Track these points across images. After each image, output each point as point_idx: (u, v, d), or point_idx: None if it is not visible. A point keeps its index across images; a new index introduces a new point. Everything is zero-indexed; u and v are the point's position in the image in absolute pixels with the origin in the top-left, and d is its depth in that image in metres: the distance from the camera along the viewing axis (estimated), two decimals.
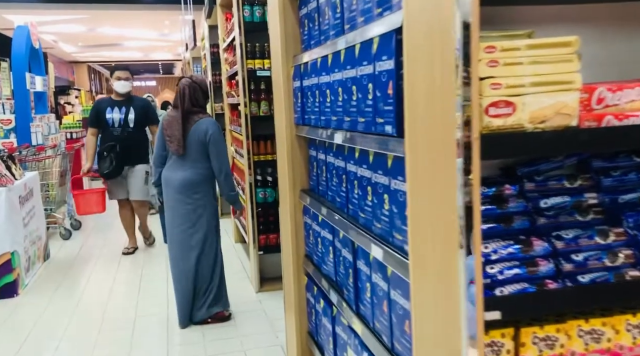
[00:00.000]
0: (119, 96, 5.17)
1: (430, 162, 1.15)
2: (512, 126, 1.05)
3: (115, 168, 5.06)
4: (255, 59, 4.03)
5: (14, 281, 4.26)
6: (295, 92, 2.46)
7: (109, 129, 5.13)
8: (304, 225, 2.58)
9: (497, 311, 1.05)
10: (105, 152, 5.06)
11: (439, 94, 1.08)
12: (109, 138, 5.12)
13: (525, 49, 1.04)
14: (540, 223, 1.18)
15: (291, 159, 2.55)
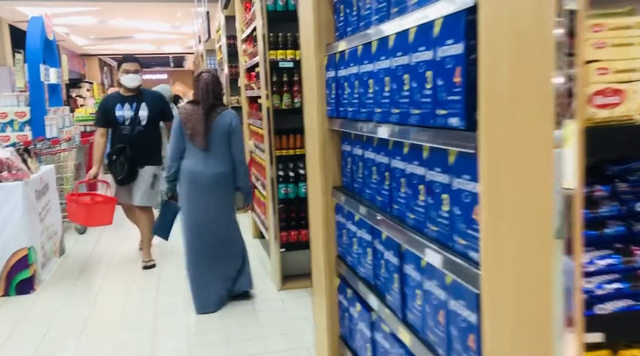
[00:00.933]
0: (128, 91, 4.61)
1: (514, 160, 1.01)
2: (620, 118, 0.90)
3: (128, 171, 4.50)
4: (278, 50, 3.89)
5: (30, 277, 4.17)
6: (329, 83, 2.32)
7: (119, 128, 4.58)
8: (336, 224, 2.44)
9: (599, 332, 0.91)
10: (114, 155, 4.51)
11: (528, 81, 0.94)
12: (119, 138, 4.58)
13: (637, 27, 0.89)
14: (638, 230, 1.04)
15: (323, 154, 2.41)
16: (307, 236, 4.06)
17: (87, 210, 4.65)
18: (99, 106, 4.75)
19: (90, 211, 4.64)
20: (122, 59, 4.70)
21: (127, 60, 4.65)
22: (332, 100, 2.28)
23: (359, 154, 2.12)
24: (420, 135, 1.45)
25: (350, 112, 2.06)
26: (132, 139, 4.53)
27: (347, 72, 2.07)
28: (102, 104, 4.72)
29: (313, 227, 2.65)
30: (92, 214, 4.64)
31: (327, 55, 2.32)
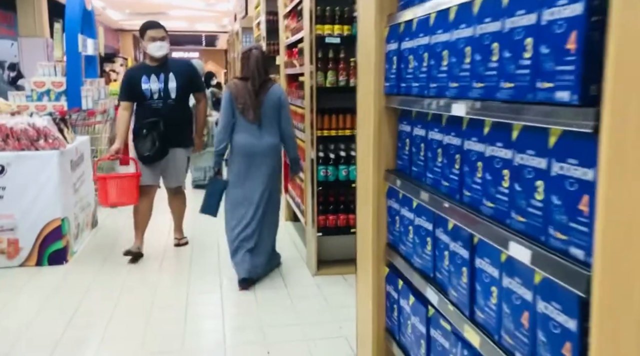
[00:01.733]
0: (154, 61, 4.14)
1: None
2: None
3: (158, 149, 4.06)
4: (325, 25, 3.71)
5: (63, 249, 4.12)
6: (389, 57, 2.14)
7: (146, 102, 4.11)
8: (387, 209, 2.28)
9: None
10: (145, 129, 4.05)
11: None
12: (148, 113, 4.10)
13: None
14: None
15: (377, 134, 2.24)
16: (345, 221, 3.92)
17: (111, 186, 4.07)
18: (123, 79, 4.29)
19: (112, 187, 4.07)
20: (145, 25, 4.18)
21: (152, 26, 4.14)
22: (392, 75, 2.11)
23: (421, 135, 1.95)
24: (513, 113, 1.27)
25: (416, 87, 1.89)
26: (163, 114, 4.09)
27: (413, 44, 1.89)
28: (126, 76, 4.25)
29: (361, 212, 2.49)
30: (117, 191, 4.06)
31: (389, 26, 2.14)
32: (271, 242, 3.89)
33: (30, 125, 3.99)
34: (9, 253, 4.00)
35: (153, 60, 4.16)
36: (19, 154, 3.96)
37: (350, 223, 3.91)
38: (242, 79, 3.70)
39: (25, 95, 5.99)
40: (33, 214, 3.99)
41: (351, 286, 3.65)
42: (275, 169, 3.76)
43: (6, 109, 4.48)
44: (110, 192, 4.02)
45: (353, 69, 3.75)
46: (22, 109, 5.44)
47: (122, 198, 4.10)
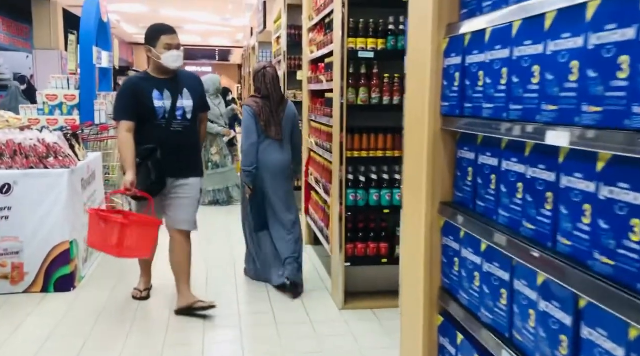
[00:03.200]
0: (165, 73, 3.38)
1: None
2: None
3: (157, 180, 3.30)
4: (358, 38, 3.44)
5: (71, 274, 3.85)
6: (448, 73, 1.85)
7: (156, 122, 3.30)
8: (442, 248, 1.97)
9: None
10: (139, 157, 3.27)
11: None
12: (151, 136, 3.29)
13: None
14: None
15: (431, 161, 1.95)
16: (375, 250, 3.61)
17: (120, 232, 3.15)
18: (124, 92, 3.39)
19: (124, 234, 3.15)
20: (158, 29, 3.40)
21: (167, 31, 3.39)
22: (453, 94, 1.82)
23: (491, 164, 1.65)
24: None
25: (488, 109, 1.59)
26: (176, 137, 3.35)
27: (486, 58, 1.61)
28: (129, 89, 3.37)
29: (408, 248, 2.19)
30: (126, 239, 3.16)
31: (449, 38, 1.86)
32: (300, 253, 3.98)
33: (39, 141, 3.74)
34: (13, 279, 3.73)
35: (163, 72, 3.39)
36: (27, 172, 3.71)
37: (381, 252, 3.60)
38: (262, 97, 3.81)
39: (37, 108, 5.78)
40: (40, 237, 3.72)
41: (383, 324, 3.34)
42: (291, 182, 4.03)
43: (16, 123, 4.25)
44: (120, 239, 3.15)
45: (387, 86, 3.48)
46: (33, 123, 5.21)
47: (133, 251, 3.29)
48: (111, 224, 3.15)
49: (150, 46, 3.37)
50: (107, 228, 3.14)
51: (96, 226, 3.20)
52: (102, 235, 3.17)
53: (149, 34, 3.41)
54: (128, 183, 3.22)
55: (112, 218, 3.20)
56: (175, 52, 3.34)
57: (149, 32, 3.43)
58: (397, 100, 3.49)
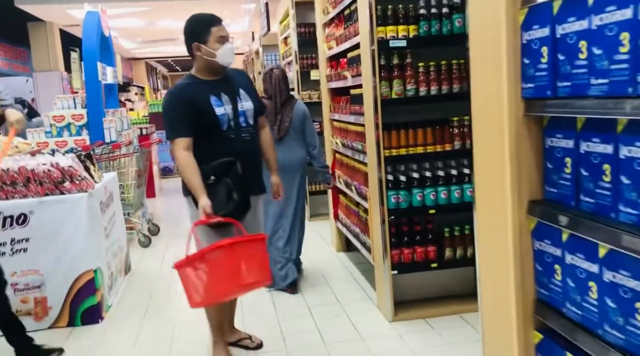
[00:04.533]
0: (215, 73, 2.79)
1: None
2: None
3: (241, 204, 2.69)
4: (387, 26, 3.16)
5: (97, 304, 3.59)
6: (531, 49, 1.58)
7: (219, 134, 2.72)
8: (534, 254, 1.70)
9: None
10: (213, 174, 2.66)
11: None
12: (220, 150, 2.70)
13: None
14: None
15: (515, 153, 1.68)
16: (423, 254, 3.34)
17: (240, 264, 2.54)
18: (173, 103, 2.73)
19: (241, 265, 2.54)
20: (204, 20, 2.76)
21: (216, 21, 2.76)
22: (541, 72, 1.55)
23: (604, 152, 1.38)
24: None
25: (600, 85, 1.32)
26: (246, 148, 2.78)
27: (590, 24, 1.33)
28: (181, 99, 2.72)
29: (487, 257, 1.91)
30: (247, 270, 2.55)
31: (529, 7, 1.58)
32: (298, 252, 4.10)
33: (53, 165, 3.49)
34: (37, 314, 3.48)
35: (214, 72, 2.78)
36: (43, 200, 3.45)
37: (429, 257, 3.32)
38: (269, 98, 3.91)
39: (44, 131, 5.54)
40: (62, 268, 3.47)
41: (442, 334, 3.07)
42: (303, 182, 4.03)
43: (25, 148, 4.00)
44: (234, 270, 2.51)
45: (423, 76, 3.20)
46: (42, 147, 4.96)
47: (258, 278, 2.59)
48: (228, 259, 2.49)
49: (200, 42, 2.71)
50: (225, 266, 2.48)
51: (199, 275, 2.50)
52: (221, 278, 2.48)
53: (195, 29, 2.74)
54: (207, 208, 2.55)
55: (225, 253, 2.49)
56: (229, 44, 2.75)
57: (194, 26, 2.76)
58: (434, 91, 3.22)
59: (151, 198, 7.73)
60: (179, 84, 2.82)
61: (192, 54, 2.77)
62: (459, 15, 3.16)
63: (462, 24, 3.17)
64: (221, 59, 2.73)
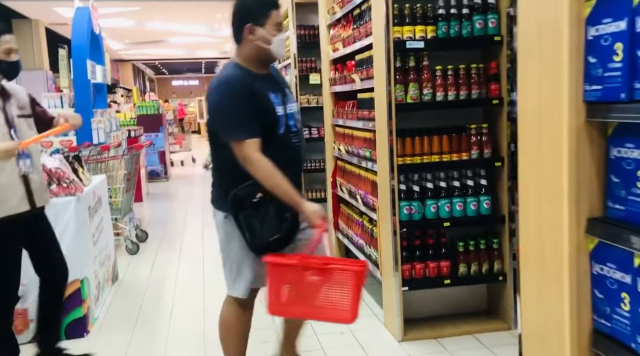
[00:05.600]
0: (265, 67, 2.35)
1: None
2: None
3: (292, 227, 2.26)
4: (404, 26, 2.97)
5: (83, 317, 3.33)
6: (599, 46, 1.40)
7: (275, 138, 2.28)
8: (593, 279, 1.51)
9: None
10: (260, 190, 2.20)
11: None
12: (274, 154, 2.21)
13: None
14: None
15: (574, 164, 1.48)
16: (436, 270, 3.14)
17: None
18: (236, 96, 2.20)
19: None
20: (265, 1, 2.27)
21: (277, 5, 2.29)
22: (612, 72, 1.36)
23: None
24: None
25: None
26: (297, 157, 2.39)
27: None
28: (243, 91, 2.22)
29: (534, 277, 1.72)
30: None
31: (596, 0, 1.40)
32: None
33: None
34: (16, 328, 3.20)
35: (263, 65, 2.34)
36: None
37: (442, 272, 3.13)
38: None
39: None
40: None
41: (453, 354, 2.86)
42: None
43: None
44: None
45: (440, 80, 3.02)
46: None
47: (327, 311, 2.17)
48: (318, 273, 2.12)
49: (257, 25, 2.23)
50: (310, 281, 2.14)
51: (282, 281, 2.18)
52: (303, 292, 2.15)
53: (252, 8, 2.26)
54: (320, 211, 2.20)
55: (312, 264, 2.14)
56: (282, 35, 2.33)
57: (251, 4, 2.27)
58: (452, 96, 3.04)
59: (138, 202, 7.46)
60: (232, 73, 2.26)
61: (239, 38, 2.28)
62: (479, 16, 2.99)
63: (482, 25, 3.00)
64: (275, 49, 2.27)
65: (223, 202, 2.28)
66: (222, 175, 2.35)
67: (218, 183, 2.37)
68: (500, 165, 3.10)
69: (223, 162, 2.32)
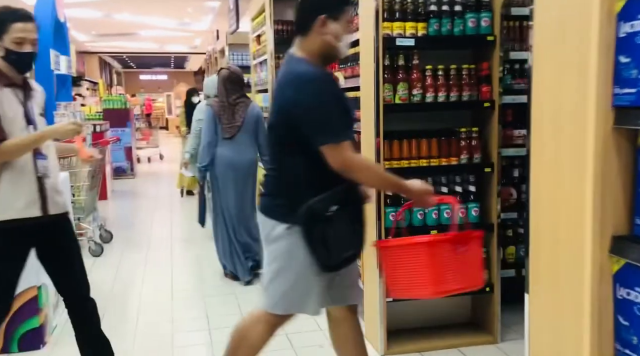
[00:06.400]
0: (325, 65, 2.15)
1: None
2: None
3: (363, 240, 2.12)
4: (394, 22, 2.81)
5: (40, 327, 3.06)
6: (632, 44, 1.25)
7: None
8: (616, 303, 1.36)
9: None
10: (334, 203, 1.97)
11: None
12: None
13: None
14: None
15: (599, 176, 1.34)
16: None
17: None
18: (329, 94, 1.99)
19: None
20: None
21: (349, 1, 2.20)
22: None
23: None
24: None
25: None
26: None
27: None
28: (335, 89, 2.09)
29: (547, 298, 1.56)
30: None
31: None
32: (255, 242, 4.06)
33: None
34: None
35: (325, 62, 2.12)
36: None
37: None
38: (215, 96, 4.12)
39: None
40: None
41: None
42: (254, 182, 4.14)
43: None
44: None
45: (430, 80, 2.86)
46: None
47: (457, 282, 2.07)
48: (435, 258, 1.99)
49: (331, 18, 2.01)
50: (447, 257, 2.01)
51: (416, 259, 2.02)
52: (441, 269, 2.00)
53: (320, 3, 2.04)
54: (424, 185, 2.13)
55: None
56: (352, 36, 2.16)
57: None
58: (442, 97, 2.89)
59: (103, 200, 7.13)
60: (310, 69, 2.01)
61: (306, 27, 2.03)
62: (472, 14, 2.85)
63: (475, 24, 2.86)
64: (342, 49, 2.07)
65: (287, 213, 2.01)
66: (289, 184, 2.07)
67: (280, 192, 2.10)
68: (490, 171, 2.96)
69: (291, 169, 2.06)
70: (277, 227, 2.06)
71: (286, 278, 2.07)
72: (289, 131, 2.02)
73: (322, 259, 1.98)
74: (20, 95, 2.28)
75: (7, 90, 2.22)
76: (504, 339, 3.03)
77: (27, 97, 2.31)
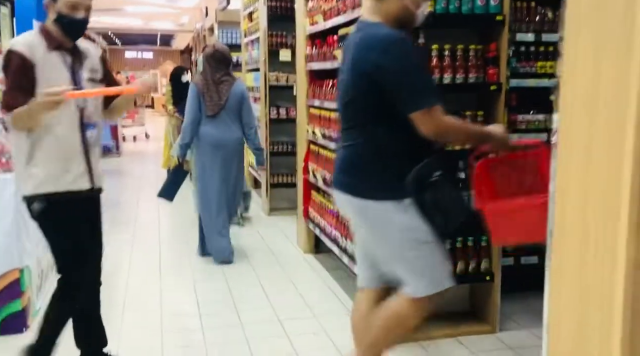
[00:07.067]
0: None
1: None
2: None
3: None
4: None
5: (22, 310, 2.93)
6: None
7: None
8: None
9: None
10: (437, 170, 1.94)
11: None
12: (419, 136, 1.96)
13: None
14: None
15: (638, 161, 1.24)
16: None
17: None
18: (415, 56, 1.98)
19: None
20: None
21: None
22: None
23: None
24: None
25: None
26: None
27: None
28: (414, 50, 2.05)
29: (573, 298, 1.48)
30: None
31: None
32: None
33: None
34: None
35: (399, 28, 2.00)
36: None
37: None
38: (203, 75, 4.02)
39: None
40: None
41: None
42: (241, 159, 4.21)
43: None
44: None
45: (436, 61, 2.75)
46: None
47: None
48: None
49: None
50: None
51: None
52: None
53: None
54: (505, 132, 2.11)
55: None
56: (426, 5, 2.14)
57: None
58: (447, 79, 2.78)
59: None
60: (393, 32, 1.92)
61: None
62: None
63: (484, 2, 2.74)
64: (420, 17, 2.05)
65: (394, 188, 1.90)
66: (390, 156, 1.93)
67: (375, 168, 1.95)
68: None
69: (391, 141, 1.93)
70: (384, 205, 1.92)
71: (417, 255, 1.95)
72: (374, 99, 1.91)
73: (441, 226, 1.91)
74: (68, 59, 2.19)
75: (55, 53, 2.14)
76: (503, 329, 2.97)
77: (75, 61, 2.22)
